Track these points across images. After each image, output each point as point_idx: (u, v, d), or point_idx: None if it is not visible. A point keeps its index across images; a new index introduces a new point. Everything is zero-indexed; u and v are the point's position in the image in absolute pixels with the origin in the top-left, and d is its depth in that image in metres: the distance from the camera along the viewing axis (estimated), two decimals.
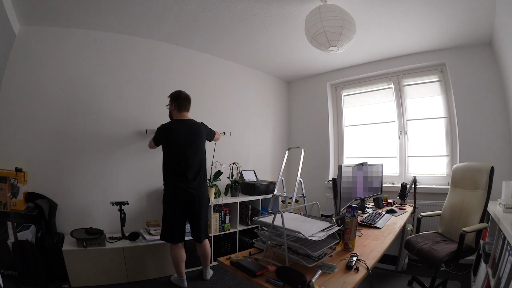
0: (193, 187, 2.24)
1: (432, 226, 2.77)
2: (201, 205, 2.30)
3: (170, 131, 2.25)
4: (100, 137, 2.65)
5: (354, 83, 3.82)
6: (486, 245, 1.93)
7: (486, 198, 2.01)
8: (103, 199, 2.59)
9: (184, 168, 2.23)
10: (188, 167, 2.23)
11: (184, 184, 2.21)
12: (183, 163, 2.23)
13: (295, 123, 4.39)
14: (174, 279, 2.40)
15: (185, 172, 2.23)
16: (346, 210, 1.57)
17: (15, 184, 2.17)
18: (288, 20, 2.48)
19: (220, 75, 3.49)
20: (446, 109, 3.07)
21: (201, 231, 2.34)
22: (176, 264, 2.28)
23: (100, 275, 2.25)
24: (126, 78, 2.80)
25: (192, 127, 2.32)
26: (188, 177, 2.23)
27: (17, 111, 2.34)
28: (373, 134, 3.67)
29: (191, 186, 2.22)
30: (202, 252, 2.42)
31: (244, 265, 1.19)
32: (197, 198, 2.25)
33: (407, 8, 2.25)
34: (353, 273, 1.17)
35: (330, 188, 3.68)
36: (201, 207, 2.30)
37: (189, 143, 2.26)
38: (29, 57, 2.39)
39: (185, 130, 2.26)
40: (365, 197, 2.52)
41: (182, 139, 2.24)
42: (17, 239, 2.11)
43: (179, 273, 2.30)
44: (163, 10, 2.34)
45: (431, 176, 3.17)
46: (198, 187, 2.27)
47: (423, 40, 2.82)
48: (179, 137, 2.24)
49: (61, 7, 2.22)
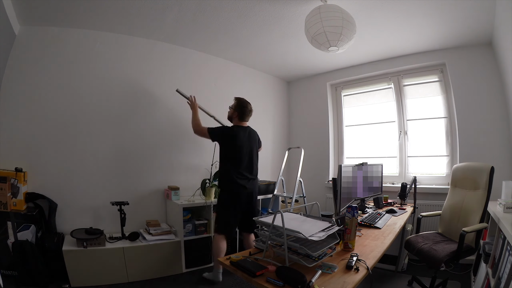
0: (252, 184, 2.50)
1: (432, 226, 2.77)
2: (256, 200, 2.61)
3: (235, 136, 2.42)
4: (100, 137, 2.65)
5: (354, 83, 3.81)
6: (486, 245, 1.93)
7: (486, 198, 2.01)
8: (103, 199, 2.59)
9: (246, 169, 2.46)
10: (248, 167, 2.48)
11: (245, 182, 2.44)
12: (244, 163, 2.45)
13: (295, 123, 4.39)
14: (209, 275, 2.48)
15: (246, 171, 2.45)
16: (346, 210, 1.57)
17: (15, 184, 2.16)
18: (288, 20, 2.48)
19: (220, 75, 3.49)
20: (446, 109, 3.07)
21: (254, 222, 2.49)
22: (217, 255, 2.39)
23: (100, 275, 2.25)
24: (126, 78, 2.80)
25: (251, 133, 2.58)
26: (248, 176, 2.47)
27: (17, 111, 2.34)
28: (373, 134, 3.67)
29: (249, 184, 2.47)
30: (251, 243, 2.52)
31: (244, 265, 1.20)
32: (255, 194, 2.55)
33: (407, 8, 2.25)
34: (353, 273, 1.17)
35: (330, 188, 3.68)
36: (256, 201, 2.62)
37: (250, 146, 2.50)
38: (29, 57, 2.39)
39: (247, 136, 2.50)
40: (365, 197, 2.52)
41: (245, 142, 2.46)
42: (17, 239, 2.10)
43: (217, 266, 2.44)
44: (163, 10, 2.34)
45: (431, 176, 3.17)
46: (255, 185, 2.56)
47: (423, 40, 2.82)
48: (243, 141, 2.44)
49: (61, 7, 2.22)
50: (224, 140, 2.46)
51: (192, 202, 2.74)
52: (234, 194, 2.41)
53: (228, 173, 2.42)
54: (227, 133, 2.45)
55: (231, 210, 2.41)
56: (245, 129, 2.52)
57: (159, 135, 2.97)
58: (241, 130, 2.48)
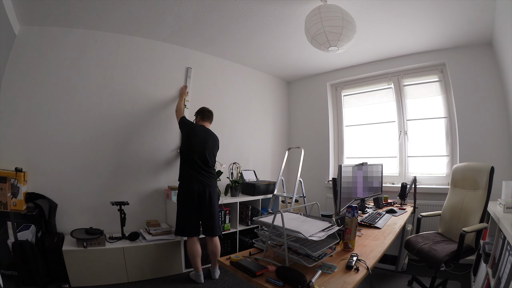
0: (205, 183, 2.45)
1: (432, 226, 2.77)
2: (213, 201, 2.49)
3: (194, 129, 2.55)
4: (100, 137, 2.65)
5: (354, 83, 3.81)
6: (486, 245, 1.93)
7: (486, 198, 2.01)
8: (103, 199, 2.59)
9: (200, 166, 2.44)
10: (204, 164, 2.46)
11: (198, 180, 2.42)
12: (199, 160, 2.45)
13: (295, 123, 4.39)
14: (192, 275, 2.48)
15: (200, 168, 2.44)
16: (346, 210, 1.57)
17: (15, 184, 2.17)
18: (288, 20, 2.48)
19: (220, 75, 3.49)
20: (446, 109, 3.07)
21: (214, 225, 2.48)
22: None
23: (100, 275, 2.25)
24: (126, 78, 2.80)
25: (211, 135, 2.61)
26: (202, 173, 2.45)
27: (17, 111, 2.34)
28: (373, 134, 3.67)
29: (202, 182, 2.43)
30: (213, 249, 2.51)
31: (244, 265, 1.19)
32: (210, 194, 2.45)
33: (407, 8, 2.25)
34: (353, 273, 1.17)
35: (330, 188, 3.68)
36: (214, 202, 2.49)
37: (207, 144, 2.51)
38: (29, 57, 2.39)
39: (204, 135, 2.55)
40: (365, 197, 2.52)
41: (202, 139, 2.51)
42: (17, 239, 2.11)
43: (197, 269, 2.42)
44: (163, 10, 2.34)
45: (431, 176, 3.17)
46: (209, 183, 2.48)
47: (423, 40, 2.82)
48: (200, 137, 2.51)
49: (61, 7, 2.22)
50: (185, 130, 2.57)
51: None
52: (187, 192, 2.40)
53: (183, 169, 2.48)
54: (189, 125, 2.60)
55: (185, 209, 2.40)
56: (205, 129, 2.60)
57: (159, 135, 2.97)
58: (201, 127, 2.59)
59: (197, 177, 2.41)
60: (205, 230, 2.49)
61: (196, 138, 2.49)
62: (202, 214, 2.45)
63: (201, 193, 2.41)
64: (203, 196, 2.42)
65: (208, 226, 2.46)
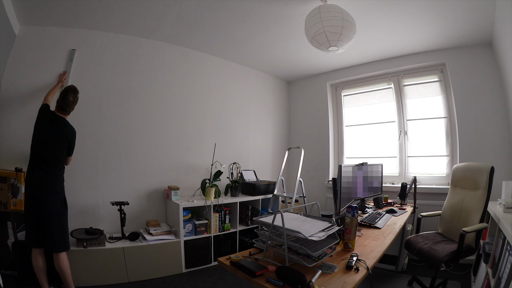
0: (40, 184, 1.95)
1: (432, 226, 2.77)
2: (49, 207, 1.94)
3: (43, 118, 2.08)
4: (100, 136, 2.65)
5: (354, 83, 3.81)
6: (486, 245, 1.93)
7: (486, 198, 2.01)
8: (103, 199, 2.59)
9: (40, 164, 1.98)
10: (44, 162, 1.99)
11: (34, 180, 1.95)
12: (41, 157, 1.98)
13: (295, 123, 4.39)
14: None
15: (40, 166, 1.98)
16: (346, 210, 1.57)
17: (15, 184, 2.16)
18: (288, 20, 2.48)
19: (220, 75, 3.49)
20: (446, 109, 3.07)
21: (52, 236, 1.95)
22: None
23: (100, 275, 2.25)
24: (126, 78, 2.80)
25: (63, 126, 2.10)
26: (40, 172, 1.97)
27: (17, 111, 2.34)
28: (373, 134, 3.67)
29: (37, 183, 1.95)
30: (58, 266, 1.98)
31: (244, 265, 1.19)
32: (45, 199, 1.93)
33: (407, 8, 2.25)
34: (353, 273, 1.17)
35: (330, 188, 3.68)
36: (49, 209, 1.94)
37: (54, 138, 2.05)
38: (29, 57, 2.39)
39: (56, 126, 2.06)
40: (365, 197, 2.52)
41: (50, 132, 2.03)
42: (17, 239, 2.11)
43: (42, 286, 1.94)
44: (163, 10, 2.34)
45: (431, 176, 3.17)
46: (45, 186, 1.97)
47: (423, 40, 2.82)
48: (48, 129, 2.04)
49: (61, 7, 2.22)
50: (37, 119, 2.08)
51: (192, 202, 2.74)
52: (27, 193, 1.97)
53: (28, 167, 2.00)
54: (40, 112, 2.09)
55: (26, 213, 1.96)
56: (59, 119, 2.07)
57: (159, 135, 2.97)
58: (54, 117, 2.07)
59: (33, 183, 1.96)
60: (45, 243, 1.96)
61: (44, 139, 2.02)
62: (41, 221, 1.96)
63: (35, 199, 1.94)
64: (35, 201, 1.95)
65: (46, 236, 1.95)
